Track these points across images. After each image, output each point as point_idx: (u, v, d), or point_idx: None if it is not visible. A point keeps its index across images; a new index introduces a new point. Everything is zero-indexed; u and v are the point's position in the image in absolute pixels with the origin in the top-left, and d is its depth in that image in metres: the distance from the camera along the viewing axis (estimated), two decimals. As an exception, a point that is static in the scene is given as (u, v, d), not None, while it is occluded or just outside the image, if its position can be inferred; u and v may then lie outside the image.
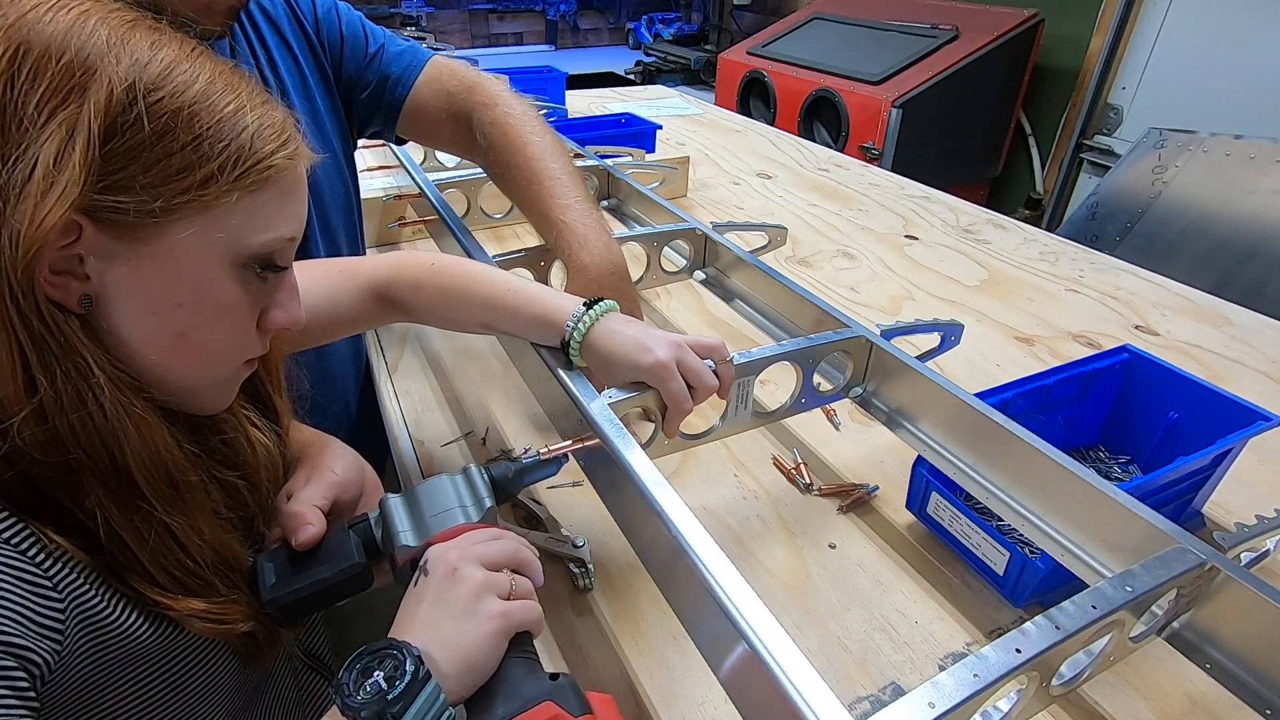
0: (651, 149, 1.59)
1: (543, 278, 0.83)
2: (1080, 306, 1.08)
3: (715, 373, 0.56)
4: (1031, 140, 2.68)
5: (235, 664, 0.49)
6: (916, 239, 1.30)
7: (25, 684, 0.35)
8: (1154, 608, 0.43)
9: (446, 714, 0.38)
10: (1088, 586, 0.42)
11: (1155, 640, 0.45)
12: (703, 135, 1.91)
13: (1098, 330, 1.01)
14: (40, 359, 0.36)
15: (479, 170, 0.89)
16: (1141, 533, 0.45)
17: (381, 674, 0.37)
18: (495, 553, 0.45)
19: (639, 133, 1.58)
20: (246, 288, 0.43)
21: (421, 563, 0.44)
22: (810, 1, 3.22)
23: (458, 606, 0.42)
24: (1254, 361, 0.95)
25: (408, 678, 0.37)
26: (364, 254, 0.95)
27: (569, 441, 0.53)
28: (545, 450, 0.52)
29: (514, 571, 0.46)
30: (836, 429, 0.79)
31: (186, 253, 0.39)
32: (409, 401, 0.83)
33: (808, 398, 0.65)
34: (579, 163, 1.13)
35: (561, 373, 0.56)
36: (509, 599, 0.44)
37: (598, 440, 0.51)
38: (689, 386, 0.54)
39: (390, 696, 0.36)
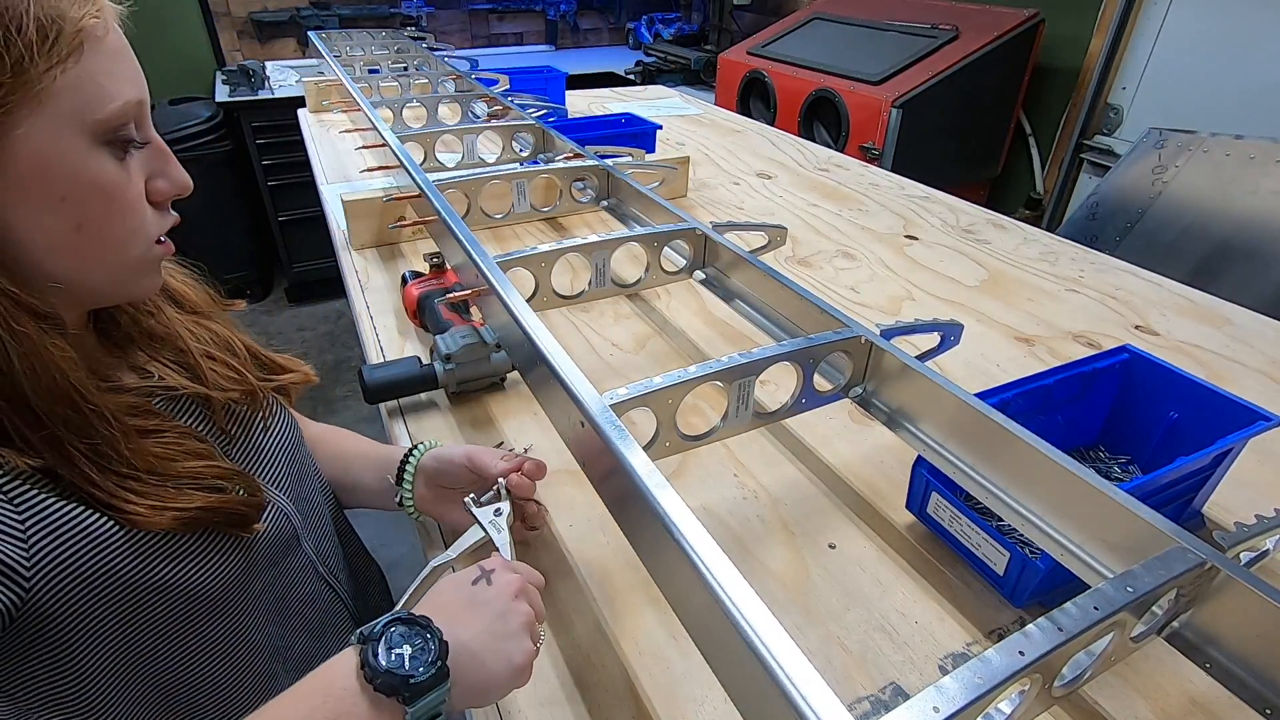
0: (651, 149, 1.59)
1: (546, 281, 0.83)
2: (1080, 306, 1.08)
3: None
4: (1031, 140, 2.67)
5: (239, 566, 0.50)
6: (916, 239, 1.30)
7: None
8: (1154, 608, 0.43)
9: (439, 718, 0.39)
10: (1087, 586, 0.42)
11: (1155, 640, 0.45)
12: (703, 135, 1.90)
13: (1098, 330, 1.01)
14: None
15: (479, 170, 0.89)
16: (1141, 533, 0.45)
17: (409, 650, 0.38)
18: (537, 601, 0.48)
19: (639, 133, 1.58)
20: (121, 165, 0.42)
21: (487, 569, 0.46)
22: (810, 1, 3.22)
23: (501, 630, 0.43)
24: (1254, 361, 0.94)
25: (433, 670, 0.38)
26: None
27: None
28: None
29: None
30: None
31: (42, 145, 0.38)
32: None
33: (808, 398, 0.65)
34: (579, 163, 1.13)
35: (562, 374, 0.56)
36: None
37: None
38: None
39: (412, 681, 0.37)
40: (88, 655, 0.43)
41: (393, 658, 0.37)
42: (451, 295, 0.79)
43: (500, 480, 0.57)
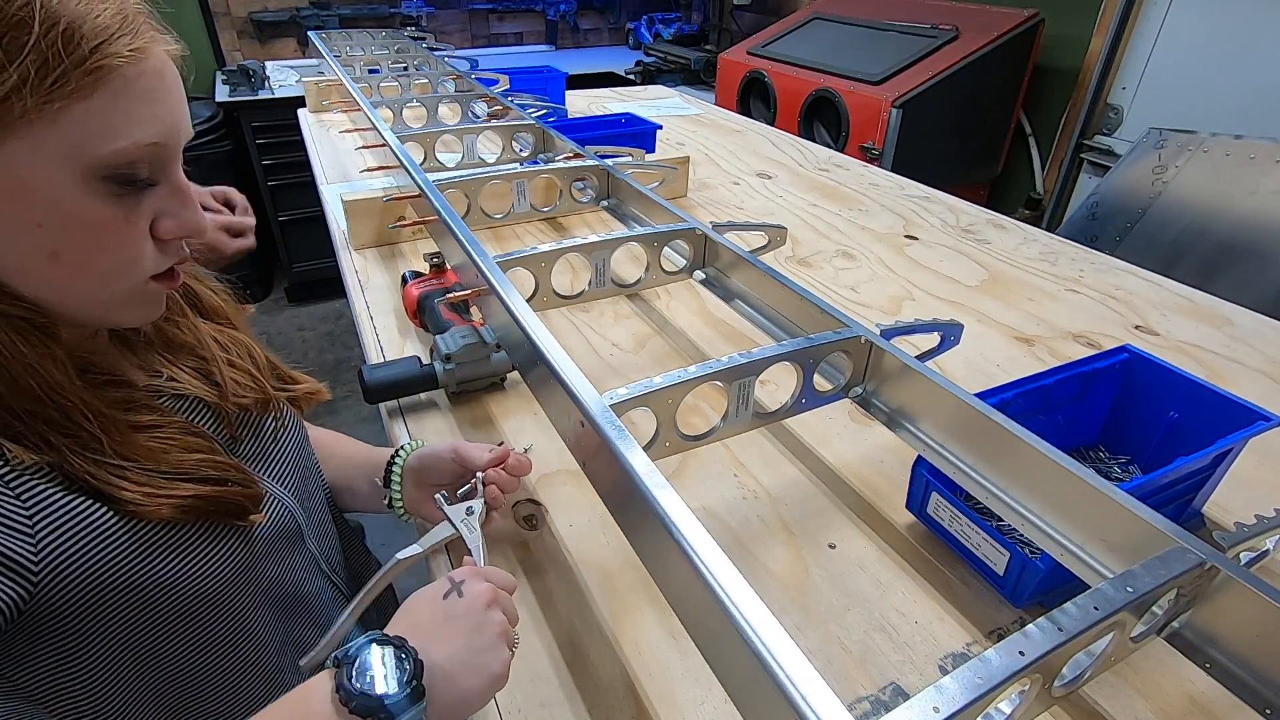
0: (651, 149, 1.59)
1: (546, 281, 0.83)
2: (1080, 306, 1.08)
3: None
4: (1031, 140, 2.67)
5: (242, 561, 0.50)
6: (916, 239, 1.30)
7: None
8: (1154, 608, 0.43)
9: None
10: (1087, 586, 0.42)
11: (1155, 640, 0.45)
12: (703, 135, 1.91)
13: (1098, 330, 1.01)
14: None
15: (479, 170, 0.89)
16: (1141, 533, 0.45)
17: (384, 672, 0.38)
18: (510, 606, 0.47)
19: (639, 133, 1.58)
20: (119, 201, 0.40)
21: (457, 580, 0.45)
22: (810, 1, 3.22)
23: (478, 643, 0.43)
24: (1254, 361, 0.94)
25: (408, 690, 0.38)
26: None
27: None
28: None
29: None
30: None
31: (22, 169, 0.37)
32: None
33: (808, 398, 0.65)
34: (579, 163, 1.13)
35: (562, 374, 0.56)
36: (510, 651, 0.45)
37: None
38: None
39: (387, 704, 0.37)
40: (94, 650, 0.43)
41: (368, 680, 0.37)
42: (451, 295, 0.79)
43: (478, 475, 0.57)
